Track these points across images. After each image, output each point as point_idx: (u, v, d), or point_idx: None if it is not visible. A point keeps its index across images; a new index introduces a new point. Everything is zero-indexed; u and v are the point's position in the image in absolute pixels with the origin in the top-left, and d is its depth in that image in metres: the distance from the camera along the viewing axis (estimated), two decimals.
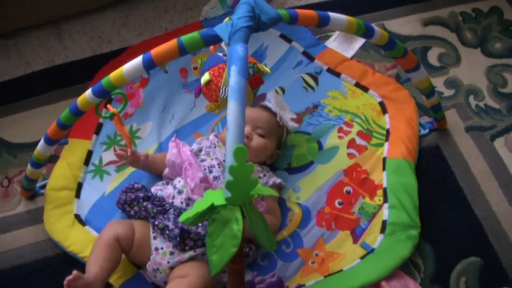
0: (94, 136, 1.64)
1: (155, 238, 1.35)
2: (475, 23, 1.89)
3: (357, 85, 1.73)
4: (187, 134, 1.65)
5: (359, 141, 1.62)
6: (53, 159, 1.62)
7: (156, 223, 1.35)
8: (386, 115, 1.66)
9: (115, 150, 1.47)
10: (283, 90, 1.74)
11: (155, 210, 1.38)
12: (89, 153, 1.61)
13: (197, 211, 1.03)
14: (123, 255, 1.35)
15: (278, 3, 1.99)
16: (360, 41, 1.85)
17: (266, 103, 1.56)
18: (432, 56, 1.82)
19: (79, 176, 1.57)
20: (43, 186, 1.56)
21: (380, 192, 1.51)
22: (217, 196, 1.03)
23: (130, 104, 1.71)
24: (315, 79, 1.75)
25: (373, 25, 1.29)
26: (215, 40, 1.10)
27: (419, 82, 1.47)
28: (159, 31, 1.92)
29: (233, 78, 1.03)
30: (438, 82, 1.75)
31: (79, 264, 1.41)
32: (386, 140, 1.61)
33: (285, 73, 1.77)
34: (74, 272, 1.18)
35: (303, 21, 1.17)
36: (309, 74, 1.76)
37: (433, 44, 1.84)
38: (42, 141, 1.33)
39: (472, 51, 1.82)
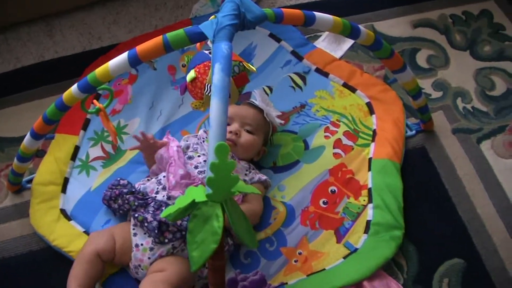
0: (82, 131, 1.64)
1: (135, 235, 1.36)
2: (465, 25, 1.90)
3: (345, 85, 1.74)
4: (174, 131, 1.66)
5: (345, 141, 1.63)
6: (40, 153, 1.63)
7: (136, 215, 1.36)
8: (373, 115, 1.67)
9: (138, 136, 1.48)
10: (270, 89, 1.75)
11: (136, 203, 1.39)
12: (76, 149, 1.62)
13: (179, 207, 1.04)
14: None
15: (269, 3, 2.00)
16: (349, 42, 1.86)
17: (252, 100, 1.57)
18: (421, 58, 1.83)
19: (66, 171, 1.58)
20: (30, 181, 1.56)
21: (365, 192, 1.52)
22: (198, 193, 1.04)
23: (118, 101, 1.72)
24: (303, 79, 1.76)
25: (359, 25, 1.30)
26: (200, 37, 1.10)
27: (406, 83, 1.48)
28: (149, 29, 1.92)
29: (217, 76, 1.03)
30: (426, 84, 1.76)
31: (64, 259, 1.42)
32: (373, 140, 1.62)
33: (273, 72, 1.78)
34: None
35: (289, 20, 1.18)
36: (297, 74, 1.77)
37: (422, 46, 1.85)
38: (28, 135, 1.34)
39: (461, 54, 1.83)
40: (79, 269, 1.31)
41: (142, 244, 1.34)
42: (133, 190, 1.44)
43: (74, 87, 1.19)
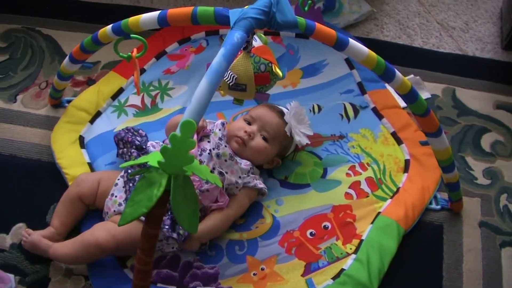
0: (132, 77, 1.73)
1: (116, 184, 1.43)
2: None
3: (394, 134, 1.68)
4: (211, 109, 1.69)
5: (364, 186, 1.57)
6: (91, 82, 1.74)
7: (130, 171, 1.41)
8: (405, 174, 1.60)
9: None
10: (319, 108, 1.73)
11: (135, 159, 1.44)
12: (120, 90, 1.72)
13: (134, 162, 1.08)
14: None
15: (363, 32, 1.96)
16: (425, 95, 1.78)
17: (284, 110, 1.55)
18: (486, 140, 1.70)
19: (102, 106, 1.68)
20: (69, 101, 1.68)
21: (356, 241, 1.46)
22: (156, 158, 1.06)
23: (177, 63, 1.79)
24: (356, 112, 1.72)
25: (396, 69, 1.25)
26: (225, 20, 1.12)
27: (438, 151, 1.39)
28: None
29: (217, 59, 1.05)
30: (478, 167, 1.65)
31: (61, 180, 1.52)
32: (391, 197, 1.55)
33: (331, 95, 1.76)
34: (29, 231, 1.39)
35: (319, 36, 1.16)
36: (353, 105, 1.73)
37: (494, 129, 1.73)
38: (67, 58, 1.44)
39: None
40: (63, 208, 1.43)
41: (116, 196, 1.41)
42: (144, 146, 1.50)
43: (109, 27, 1.27)
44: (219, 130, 1.50)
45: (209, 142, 1.48)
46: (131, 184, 1.40)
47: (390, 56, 1.85)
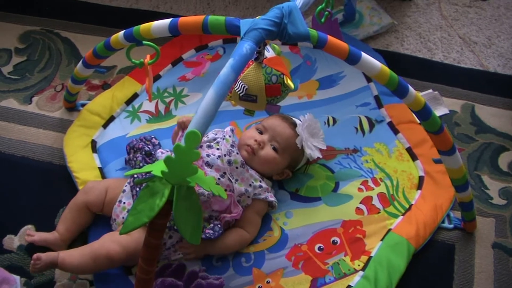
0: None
1: (124, 191, 1.42)
2: None
3: (409, 150, 1.65)
4: (225, 118, 1.68)
5: (376, 202, 1.54)
6: (106, 87, 1.75)
7: (136, 176, 1.41)
8: (419, 191, 1.57)
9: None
10: (334, 121, 1.71)
11: (141, 165, 1.44)
12: (135, 96, 1.72)
13: (138, 171, 1.07)
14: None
15: (383, 44, 1.94)
16: (442, 110, 1.75)
17: (297, 122, 1.54)
18: (504, 159, 1.66)
19: (115, 111, 1.69)
20: (84, 105, 1.69)
21: (364, 258, 1.43)
22: (160, 167, 1.05)
23: (193, 71, 1.79)
24: (371, 126, 1.70)
25: (409, 85, 1.22)
26: (236, 31, 1.11)
27: (451, 170, 1.36)
28: None
29: (225, 69, 1.04)
30: (494, 186, 1.61)
31: (71, 183, 1.53)
32: (403, 214, 1.52)
33: (347, 107, 1.73)
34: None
35: (331, 50, 1.15)
36: (368, 118, 1.71)
37: None
38: (80, 62, 1.45)
39: None
40: (69, 214, 1.43)
41: (124, 203, 1.41)
42: (153, 152, 1.50)
43: (121, 33, 1.27)
44: (230, 136, 1.50)
45: (218, 149, 1.47)
46: (138, 189, 1.40)
47: (409, 69, 1.86)
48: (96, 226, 1.45)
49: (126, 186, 1.43)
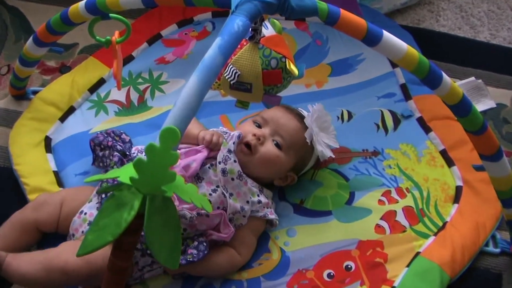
0: None
1: (90, 201, 1.43)
2: None
3: (443, 153, 1.67)
4: (212, 111, 1.70)
5: (400, 218, 1.56)
6: (64, 70, 1.77)
7: (105, 181, 1.42)
8: (455, 205, 1.58)
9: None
10: (350, 116, 1.73)
11: (115, 167, 1.46)
12: (100, 81, 1.74)
13: (101, 176, 1.08)
14: None
15: (413, 19, 1.95)
16: (487, 104, 1.77)
17: (304, 112, 1.55)
18: None
19: (76, 100, 1.71)
20: (36, 93, 1.71)
21: None
22: (128, 173, 1.06)
23: (174, 51, 1.80)
24: (397, 122, 1.72)
25: (443, 73, 1.23)
26: (226, 3, 1.12)
27: (496, 179, 1.37)
28: None
29: (210, 51, 1.05)
30: None
31: (18, 188, 1.54)
32: (435, 234, 1.53)
33: (366, 99, 1.76)
34: None
35: (345, 27, 1.15)
36: (393, 113, 1.73)
37: None
38: (30, 39, 1.47)
39: None
40: (11, 232, 1.41)
41: (85, 213, 1.42)
42: (127, 152, 1.51)
43: (81, 4, 1.29)
44: (234, 143, 1.49)
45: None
46: (103, 196, 1.40)
47: (446, 52, 1.88)
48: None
49: (94, 196, 1.44)
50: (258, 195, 1.48)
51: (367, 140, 1.69)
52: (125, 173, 1.07)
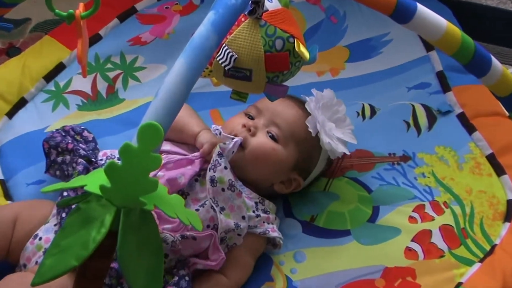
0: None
1: (47, 221, 1.44)
2: None
3: (491, 159, 1.69)
4: (202, 105, 1.71)
5: (437, 239, 1.56)
6: (13, 52, 1.78)
7: (65, 194, 1.43)
8: (507, 224, 1.59)
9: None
10: (373, 111, 1.75)
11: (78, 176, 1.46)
12: (60, 67, 1.76)
13: (64, 185, 1.09)
14: None
15: None
16: None
17: (307, 98, 1.56)
18: None
19: (28, 90, 1.72)
20: None
21: None
22: (98, 180, 1.07)
23: (151, 29, 1.81)
24: (432, 120, 1.73)
25: (492, 56, 1.25)
26: None
27: None
28: None
29: (202, 29, 1.06)
30: None
31: None
32: (481, 260, 1.54)
33: (394, 90, 1.78)
34: None
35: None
36: (427, 108, 1.75)
37: None
38: None
39: None
40: None
41: (41, 238, 1.41)
42: (93, 159, 1.52)
43: None
44: (233, 152, 1.48)
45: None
46: (64, 214, 1.41)
47: (494, 31, 1.88)
48: None
49: (53, 216, 1.45)
50: (254, 211, 1.49)
51: (395, 142, 1.71)
52: (94, 181, 1.07)
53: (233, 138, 1.51)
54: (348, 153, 1.57)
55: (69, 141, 1.53)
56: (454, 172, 1.67)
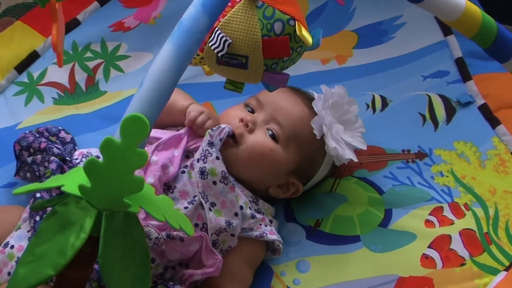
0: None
1: (19, 227, 1.45)
2: None
3: None
4: (193, 97, 1.69)
5: (457, 246, 1.57)
6: None
7: (38, 195, 1.43)
8: None
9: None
10: (384, 103, 1.75)
11: (52, 177, 1.46)
12: (33, 56, 1.77)
13: (38, 186, 1.10)
14: None
15: None
16: None
17: (314, 94, 1.57)
18: None
19: None
20: None
21: None
22: (77, 180, 1.08)
23: (135, 13, 1.82)
24: (451, 112, 1.74)
25: None
26: None
27: None
28: None
29: (191, 9, 1.06)
30: None
31: None
32: (507, 269, 1.55)
33: (407, 79, 1.79)
34: None
35: None
36: (445, 99, 1.76)
37: None
38: None
39: None
40: None
41: (12, 247, 1.42)
42: (67, 158, 1.52)
43: None
44: (221, 139, 1.47)
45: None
46: (38, 218, 1.41)
47: None
48: None
49: (24, 214, 1.46)
50: (250, 207, 1.50)
51: (409, 137, 1.72)
52: (72, 181, 1.08)
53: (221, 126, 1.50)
54: (356, 160, 1.57)
55: (43, 141, 1.54)
56: (475, 171, 1.67)
